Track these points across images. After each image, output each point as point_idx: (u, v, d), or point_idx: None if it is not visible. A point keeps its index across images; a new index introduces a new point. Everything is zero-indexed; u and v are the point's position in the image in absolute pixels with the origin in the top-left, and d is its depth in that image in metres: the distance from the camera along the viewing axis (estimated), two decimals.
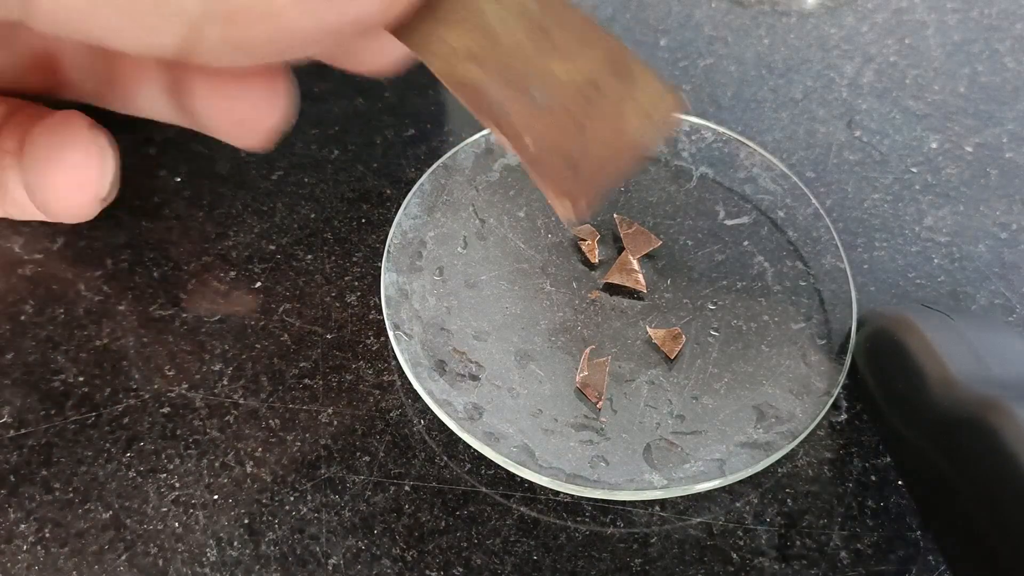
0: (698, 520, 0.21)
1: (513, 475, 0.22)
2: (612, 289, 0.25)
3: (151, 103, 0.23)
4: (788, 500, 0.22)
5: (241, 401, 0.23)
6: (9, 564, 0.20)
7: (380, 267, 0.25)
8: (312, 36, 0.15)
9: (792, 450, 0.22)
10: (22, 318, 0.24)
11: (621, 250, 0.26)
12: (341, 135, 0.29)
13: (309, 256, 0.26)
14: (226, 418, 0.23)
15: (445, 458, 0.22)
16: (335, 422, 0.23)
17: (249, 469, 0.22)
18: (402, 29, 0.16)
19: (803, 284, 0.25)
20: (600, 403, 0.23)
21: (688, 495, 0.21)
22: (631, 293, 0.25)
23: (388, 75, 0.19)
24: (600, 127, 0.17)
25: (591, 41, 0.17)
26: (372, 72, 0.19)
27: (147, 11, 0.13)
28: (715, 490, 0.22)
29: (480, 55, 0.17)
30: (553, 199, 0.17)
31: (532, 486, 0.22)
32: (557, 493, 0.21)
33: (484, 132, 0.27)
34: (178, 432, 0.22)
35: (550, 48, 0.16)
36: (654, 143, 0.17)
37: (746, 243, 0.26)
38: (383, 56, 0.18)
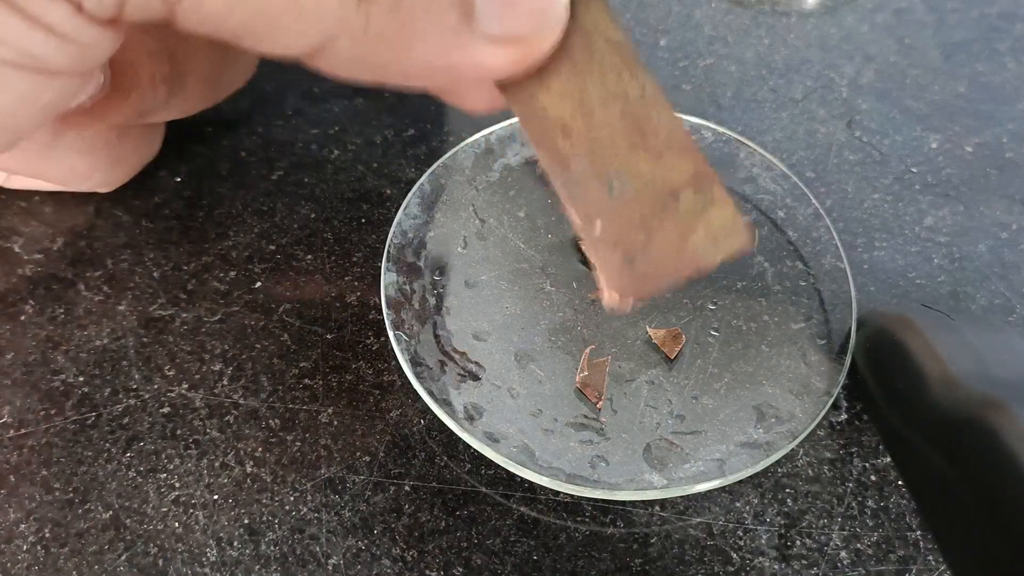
0: (698, 520, 0.21)
1: (513, 475, 0.22)
2: None
3: None
4: (788, 500, 0.22)
5: (241, 401, 0.23)
6: (9, 564, 0.20)
7: (380, 267, 0.25)
8: (436, 73, 0.16)
9: (792, 450, 0.22)
10: (22, 318, 0.24)
11: None
12: (341, 135, 0.29)
13: (309, 256, 0.26)
14: (226, 418, 0.23)
15: (445, 458, 0.22)
16: (335, 422, 0.23)
17: (249, 469, 0.22)
18: (508, 86, 0.17)
19: (803, 284, 0.25)
20: (600, 403, 0.23)
21: (688, 495, 0.21)
22: None
23: (480, 115, 0.20)
24: (667, 236, 0.17)
25: (682, 151, 0.17)
26: (465, 110, 0.20)
27: (289, 19, 0.14)
28: (715, 490, 0.22)
29: (573, 130, 0.17)
30: (603, 287, 0.17)
31: (532, 486, 0.22)
32: (557, 493, 0.21)
33: (484, 132, 0.27)
34: (178, 432, 0.22)
35: (642, 144, 0.17)
36: (713, 266, 0.17)
37: None
38: (483, 100, 0.19)
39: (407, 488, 0.22)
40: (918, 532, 0.21)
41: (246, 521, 0.21)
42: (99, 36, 0.14)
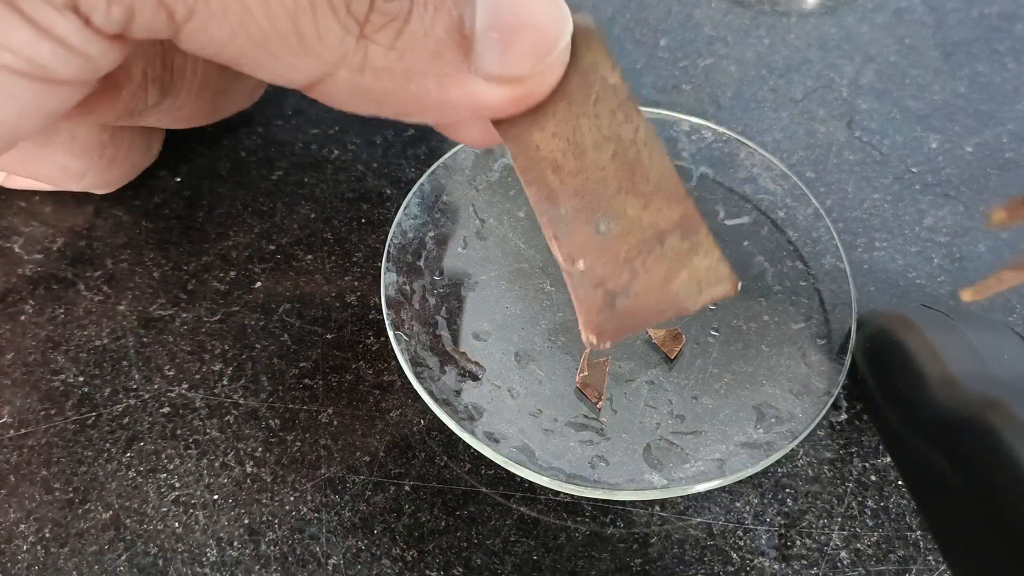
0: (698, 520, 0.21)
1: (513, 475, 0.22)
2: None
3: None
4: (788, 500, 0.22)
5: (241, 401, 0.23)
6: (9, 564, 0.20)
7: (380, 267, 0.25)
8: (433, 108, 0.16)
9: (792, 450, 0.22)
10: (22, 318, 0.24)
11: None
12: (341, 135, 0.29)
13: (309, 256, 0.26)
14: (226, 418, 0.23)
15: (445, 458, 0.22)
16: (335, 422, 0.23)
17: (249, 469, 0.22)
18: (503, 121, 0.17)
19: (803, 284, 0.25)
20: (600, 403, 0.23)
21: (688, 495, 0.21)
22: None
23: (474, 148, 0.20)
24: (650, 278, 0.17)
25: (672, 195, 0.18)
26: (460, 141, 0.20)
27: (289, 51, 0.14)
28: (715, 490, 0.22)
29: (564, 169, 0.18)
30: (582, 325, 0.17)
31: (532, 486, 0.22)
32: (557, 493, 0.21)
33: None
34: (178, 432, 0.22)
35: (631, 186, 0.17)
36: (694, 310, 0.17)
37: (746, 243, 0.26)
38: (478, 135, 0.19)
39: (407, 488, 0.22)
40: (918, 532, 0.21)
41: (246, 521, 0.21)
42: (106, 49, 0.14)
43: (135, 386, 0.23)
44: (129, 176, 0.26)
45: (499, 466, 0.22)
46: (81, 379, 0.23)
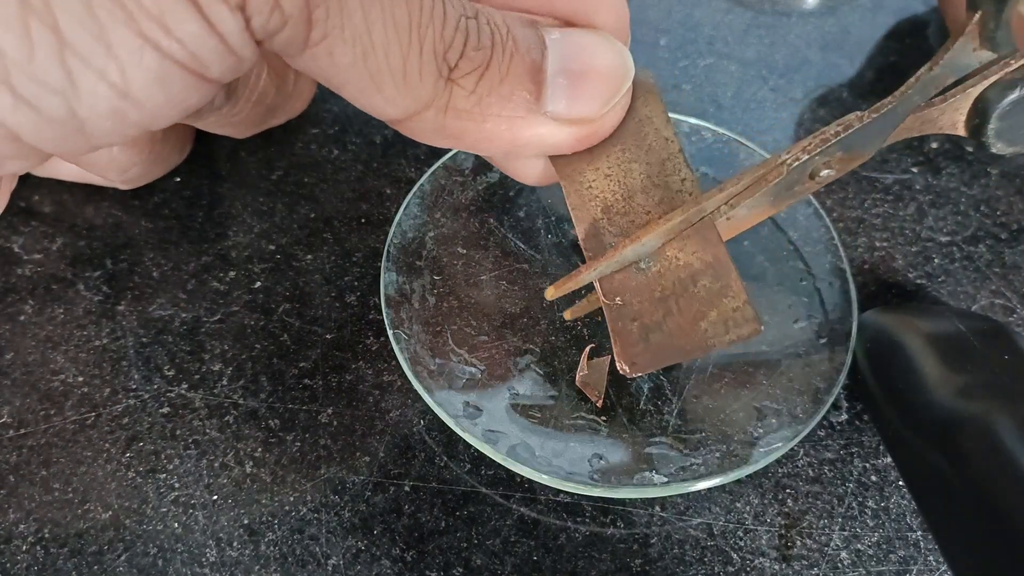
0: (698, 520, 0.21)
1: (513, 475, 0.22)
2: None
3: None
4: (788, 500, 0.22)
5: (241, 401, 0.23)
6: (9, 564, 0.20)
7: (380, 267, 0.25)
8: (503, 144, 0.17)
9: (792, 450, 0.22)
10: (22, 318, 0.24)
11: None
12: (341, 135, 0.29)
13: (309, 256, 0.26)
14: (226, 418, 0.23)
15: (445, 458, 0.22)
16: (335, 422, 0.23)
17: (249, 469, 0.22)
18: (559, 158, 0.19)
19: (803, 284, 0.25)
20: (600, 401, 0.23)
21: (688, 495, 0.21)
22: None
23: (530, 184, 0.22)
24: (683, 316, 0.19)
25: (707, 240, 0.19)
26: (519, 179, 0.21)
27: (393, 86, 0.15)
28: (715, 490, 0.22)
29: (612, 208, 0.19)
30: (617, 355, 0.19)
31: (532, 486, 0.22)
32: (557, 493, 0.21)
33: None
34: (178, 432, 0.22)
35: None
36: (721, 348, 0.19)
37: (746, 243, 0.26)
38: (536, 173, 0.20)
39: (407, 488, 0.22)
40: (918, 532, 0.21)
41: (246, 521, 0.21)
42: (251, 55, 0.14)
43: (134, 386, 0.23)
44: (160, 174, 0.26)
45: (499, 466, 0.22)
46: (80, 379, 0.23)
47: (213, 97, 0.17)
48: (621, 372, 0.19)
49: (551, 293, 0.19)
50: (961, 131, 0.20)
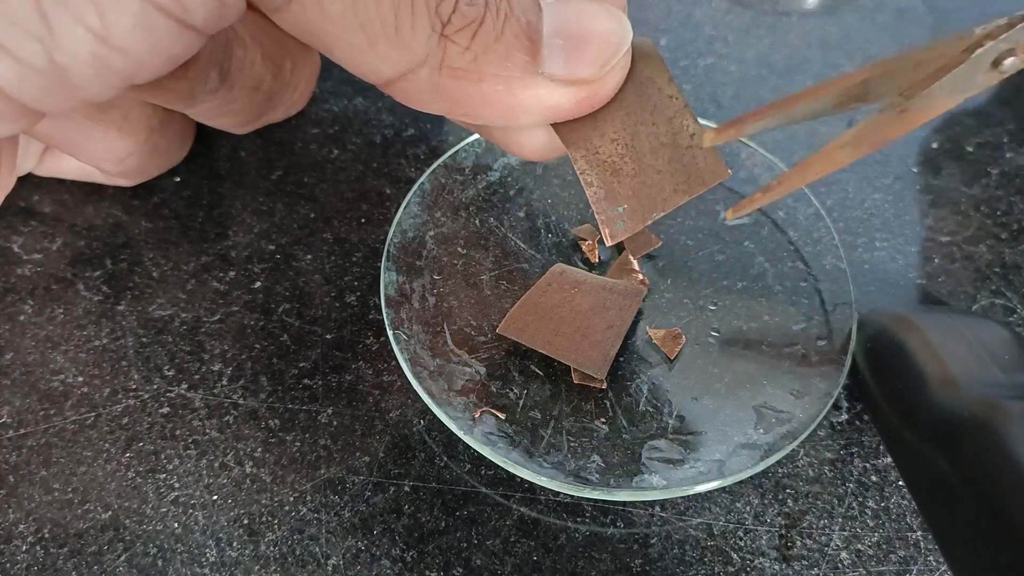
0: (698, 521, 0.21)
1: (513, 475, 0.22)
2: None
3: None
4: (789, 500, 0.22)
5: (241, 401, 0.23)
6: (8, 564, 0.20)
7: (380, 267, 0.25)
8: (501, 110, 0.17)
9: (792, 450, 0.22)
10: (22, 318, 0.24)
11: (621, 250, 0.26)
12: (341, 135, 0.29)
13: (309, 256, 0.26)
14: (226, 418, 0.23)
15: (445, 458, 0.22)
16: (335, 422, 0.23)
17: (249, 469, 0.22)
18: (564, 127, 0.19)
19: (803, 284, 0.25)
20: (603, 385, 0.23)
21: (688, 495, 0.21)
22: None
23: (533, 160, 0.22)
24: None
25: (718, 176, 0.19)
26: (523, 154, 0.21)
27: (386, 40, 0.15)
28: (715, 490, 0.22)
29: (622, 171, 0.19)
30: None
31: (532, 486, 0.22)
32: (557, 493, 0.21)
33: None
34: (177, 432, 0.22)
35: (687, 187, 0.19)
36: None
37: (747, 243, 0.26)
38: (539, 144, 0.20)
39: (407, 488, 0.22)
40: (919, 532, 0.21)
41: (245, 521, 0.21)
42: (238, 2, 0.14)
43: (134, 386, 0.23)
44: (160, 170, 0.26)
45: (499, 466, 0.22)
46: (80, 379, 0.23)
47: (199, 49, 0.16)
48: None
49: (731, 215, 0.20)
50: None
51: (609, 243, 0.19)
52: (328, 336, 0.24)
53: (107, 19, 0.13)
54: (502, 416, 0.22)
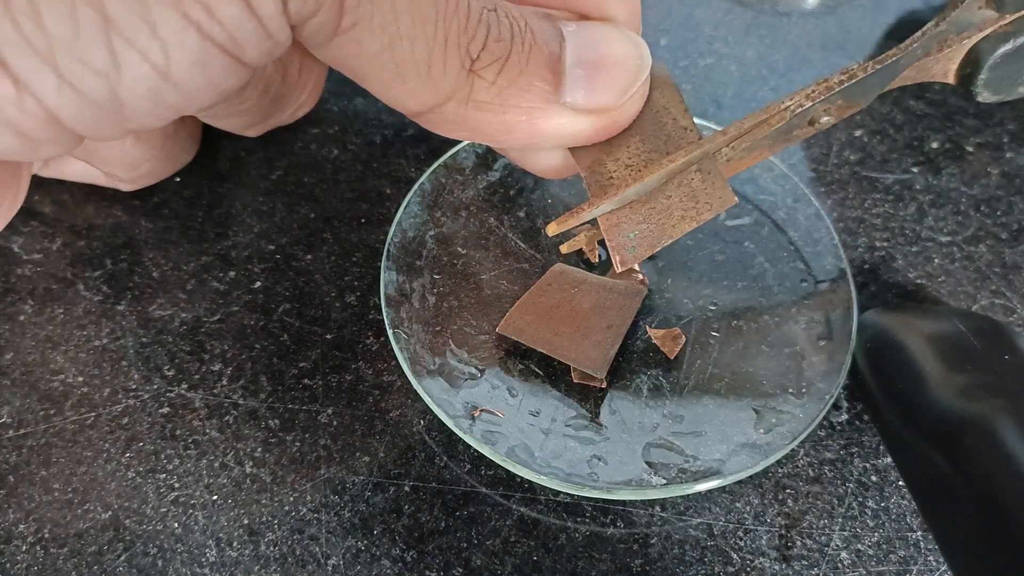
0: (698, 520, 0.21)
1: (513, 475, 0.22)
2: None
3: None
4: (788, 500, 0.22)
5: (241, 401, 0.23)
6: (8, 564, 0.20)
7: (380, 267, 0.25)
8: (522, 136, 0.18)
9: (792, 450, 0.22)
10: (22, 318, 0.24)
11: None
12: (341, 135, 0.29)
13: (309, 256, 0.26)
14: (226, 418, 0.23)
15: (445, 458, 0.22)
16: (335, 422, 0.23)
17: (248, 469, 0.22)
18: (579, 150, 0.19)
19: (803, 284, 0.25)
20: (603, 385, 0.23)
21: (688, 495, 0.21)
22: None
23: (548, 178, 0.22)
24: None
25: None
26: (539, 172, 0.22)
27: (417, 77, 0.16)
28: (715, 490, 0.22)
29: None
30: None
31: (532, 486, 0.22)
32: (557, 493, 0.21)
33: None
34: (177, 432, 0.22)
35: (695, 213, 0.19)
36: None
37: (747, 243, 0.26)
38: (556, 165, 0.21)
39: (407, 488, 0.22)
40: (919, 532, 0.21)
41: (245, 521, 0.21)
42: (286, 39, 0.15)
43: (134, 386, 0.23)
44: (167, 174, 0.26)
45: (499, 466, 0.22)
46: (80, 379, 0.23)
47: (246, 83, 0.17)
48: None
49: (553, 229, 0.20)
50: (951, 79, 0.21)
51: (619, 270, 0.19)
52: (328, 336, 0.24)
53: (170, 56, 0.13)
54: (502, 416, 0.22)
